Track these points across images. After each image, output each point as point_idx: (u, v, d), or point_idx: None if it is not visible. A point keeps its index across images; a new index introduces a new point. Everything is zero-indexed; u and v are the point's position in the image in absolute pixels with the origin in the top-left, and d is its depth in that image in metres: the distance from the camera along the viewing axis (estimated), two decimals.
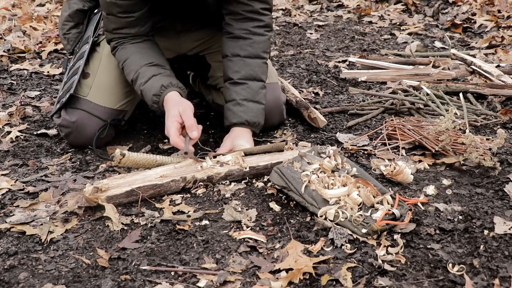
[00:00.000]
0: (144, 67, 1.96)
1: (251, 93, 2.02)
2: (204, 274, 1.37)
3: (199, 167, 1.81)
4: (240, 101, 2.01)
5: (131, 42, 2.01)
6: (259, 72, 2.05)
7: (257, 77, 2.04)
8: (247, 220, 1.60)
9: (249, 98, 2.02)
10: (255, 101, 2.03)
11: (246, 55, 2.03)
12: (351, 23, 4.47)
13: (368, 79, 2.96)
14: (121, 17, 1.95)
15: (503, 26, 4.08)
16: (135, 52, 1.99)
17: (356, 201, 1.60)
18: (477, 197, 1.75)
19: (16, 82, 2.92)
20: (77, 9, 2.26)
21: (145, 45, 2.02)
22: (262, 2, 2.03)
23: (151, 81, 1.93)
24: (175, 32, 2.23)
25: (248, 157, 1.89)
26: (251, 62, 2.04)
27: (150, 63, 1.97)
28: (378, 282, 1.33)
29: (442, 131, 1.98)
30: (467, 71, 3.04)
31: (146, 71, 1.95)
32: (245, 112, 2.00)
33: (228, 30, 2.06)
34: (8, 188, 1.81)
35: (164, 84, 1.91)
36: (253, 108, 2.02)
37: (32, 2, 4.73)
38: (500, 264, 1.39)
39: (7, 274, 1.38)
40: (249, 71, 2.03)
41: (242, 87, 2.02)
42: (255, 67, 2.04)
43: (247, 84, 2.02)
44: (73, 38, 2.28)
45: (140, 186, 1.69)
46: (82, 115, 2.05)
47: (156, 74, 1.94)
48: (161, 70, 1.96)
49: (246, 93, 2.02)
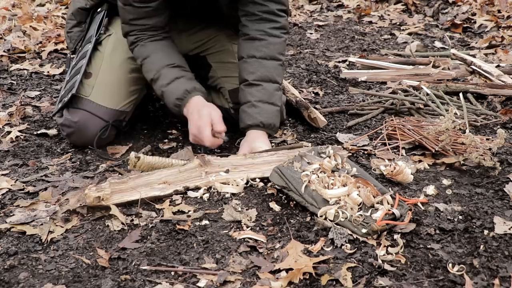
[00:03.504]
0: (166, 68, 1.97)
1: (266, 95, 2.00)
2: (204, 274, 1.37)
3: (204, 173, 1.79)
4: (255, 103, 1.99)
5: (151, 39, 2.01)
6: (274, 74, 2.03)
7: (272, 79, 2.02)
8: (247, 220, 1.60)
9: (264, 100, 2.00)
10: (270, 102, 2.01)
11: (262, 56, 2.02)
12: (351, 23, 4.47)
13: (368, 79, 2.96)
14: (138, 7, 1.94)
15: (503, 26, 4.08)
16: (156, 50, 2.00)
17: (356, 201, 1.60)
18: (477, 197, 1.75)
19: (16, 82, 2.92)
20: (79, 8, 2.26)
21: (165, 44, 2.03)
22: (278, 3, 2.02)
23: (174, 83, 1.94)
24: (177, 32, 2.23)
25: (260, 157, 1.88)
26: (267, 63, 2.02)
27: (172, 64, 1.98)
28: (378, 282, 1.33)
29: (442, 131, 1.98)
30: (467, 71, 3.04)
31: (168, 72, 1.96)
32: (260, 113, 1.98)
33: (244, 32, 2.06)
34: (8, 188, 1.81)
35: (188, 88, 1.93)
36: (268, 110, 2.00)
37: (32, 2, 4.73)
38: (500, 264, 1.39)
39: (7, 274, 1.38)
40: (264, 72, 2.01)
41: (257, 89, 2.00)
42: (270, 68, 2.02)
43: (262, 86, 2.00)
44: (75, 36, 2.28)
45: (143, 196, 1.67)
46: (84, 116, 2.05)
47: (178, 77, 1.96)
48: (183, 73, 1.98)
49: (261, 95, 2.00)
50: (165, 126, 2.34)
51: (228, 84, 2.22)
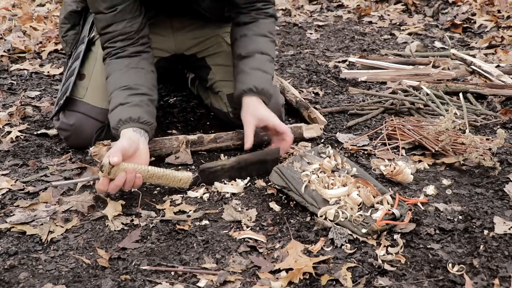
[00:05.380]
0: (116, 91, 1.87)
1: (258, 63, 2.03)
2: (204, 274, 1.37)
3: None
4: (247, 70, 2.01)
5: (117, 55, 1.93)
6: (265, 48, 2.07)
7: (264, 51, 2.06)
8: (247, 220, 1.60)
9: (255, 67, 2.02)
10: (263, 70, 2.03)
11: (253, 34, 2.07)
12: (351, 23, 4.47)
13: (368, 79, 2.96)
14: (106, 13, 1.90)
15: (503, 26, 4.09)
16: (114, 70, 1.92)
17: (356, 201, 1.60)
18: (477, 197, 1.75)
19: (16, 82, 2.92)
20: (71, 11, 2.24)
21: (129, 62, 1.93)
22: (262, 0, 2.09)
23: (115, 110, 1.84)
24: (172, 30, 2.22)
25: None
26: (258, 39, 2.07)
27: (123, 87, 1.87)
28: (378, 282, 1.33)
29: (442, 131, 1.98)
30: (467, 71, 3.04)
31: (115, 96, 1.86)
32: (252, 79, 1.99)
33: (235, 21, 2.13)
34: (8, 188, 1.81)
35: (122, 118, 1.79)
36: (261, 76, 2.01)
37: (32, 2, 4.74)
38: (500, 264, 1.39)
39: (7, 274, 1.38)
40: (256, 45, 2.05)
41: (249, 59, 2.04)
42: (262, 43, 2.07)
43: (254, 57, 2.04)
44: (71, 40, 2.26)
45: None
46: (79, 118, 2.03)
47: (123, 103, 1.83)
48: (130, 98, 1.84)
49: (253, 63, 2.03)
50: (165, 126, 2.34)
51: (227, 88, 2.21)
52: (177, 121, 2.39)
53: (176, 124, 2.36)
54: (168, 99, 2.66)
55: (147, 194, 1.77)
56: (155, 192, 1.80)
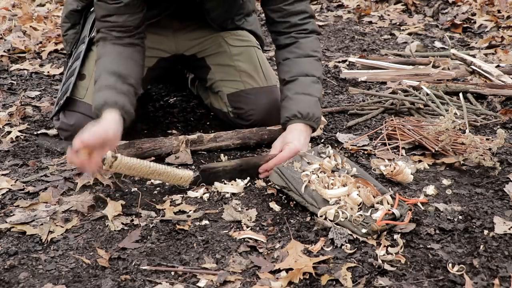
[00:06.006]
0: (106, 73, 1.84)
1: (302, 87, 1.97)
2: (204, 274, 1.37)
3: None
4: (290, 96, 1.96)
5: (113, 41, 1.91)
6: (309, 69, 2.00)
7: (308, 73, 2.00)
8: (247, 220, 1.60)
9: (299, 92, 1.96)
10: (307, 93, 1.96)
11: (295, 56, 2.01)
12: (351, 23, 4.46)
13: (368, 79, 2.96)
14: (110, 4, 1.88)
15: (503, 26, 4.08)
16: (108, 53, 1.89)
17: (356, 201, 1.60)
18: (477, 197, 1.75)
19: (16, 82, 2.92)
20: (71, 10, 2.24)
21: (123, 50, 1.90)
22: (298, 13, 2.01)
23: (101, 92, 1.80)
24: (172, 30, 2.22)
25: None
26: (301, 60, 2.01)
27: (114, 72, 1.84)
28: (378, 282, 1.33)
29: (442, 131, 1.98)
30: (467, 71, 3.04)
31: (104, 78, 1.83)
32: (296, 104, 1.94)
33: (276, 44, 2.07)
34: (8, 188, 1.81)
35: (108, 101, 1.76)
36: (304, 100, 1.95)
37: (32, 2, 4.73)
38: (500, 264, 1.39)
39: (7, 274, 1.38)
40: (299, 68, 1.99)
41: (293, 84, 1.98)
42: (305, 64, 2.01)
43: (297, 80, 1.98)
44: (71, 39, 2.27)
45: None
46: (80, 118, 2.02)
47: (110, 86, 1.81)
48: (118, 84, 1.81)
49: (297, 88, 1.97)
50: (165, 126, 2.34)
51: (226, 88, 2.21)
52: (177, 121, 2.39)
53: (176, 124, 2.36)
54: (168, 99, 2.66)
55: (147, 194, 1.77)
56: (155, 192, 1.80)
